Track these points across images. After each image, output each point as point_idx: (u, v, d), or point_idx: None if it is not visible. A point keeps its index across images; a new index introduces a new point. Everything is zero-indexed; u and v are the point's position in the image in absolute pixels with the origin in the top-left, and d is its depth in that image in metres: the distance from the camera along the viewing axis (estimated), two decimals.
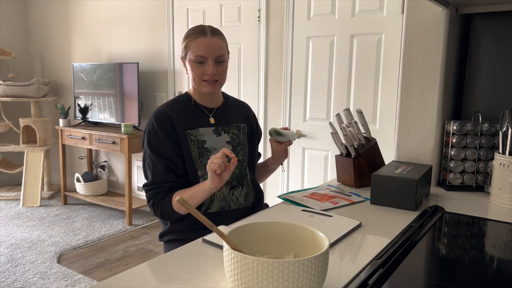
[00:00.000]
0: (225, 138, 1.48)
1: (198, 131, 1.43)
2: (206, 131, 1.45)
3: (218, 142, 1.46)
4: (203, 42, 1.38)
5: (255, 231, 0.83)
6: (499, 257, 1.00)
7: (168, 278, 0.85)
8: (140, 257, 3.06)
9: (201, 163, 1.42)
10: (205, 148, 1.43)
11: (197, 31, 1.40)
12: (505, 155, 1.36)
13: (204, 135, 1.44)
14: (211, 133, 1.45)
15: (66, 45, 4.50)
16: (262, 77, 3.12)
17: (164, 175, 1.39)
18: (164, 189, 1.39)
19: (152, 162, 1.40)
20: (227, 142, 1.48)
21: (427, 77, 1.56)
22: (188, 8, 3.48)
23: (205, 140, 1.44)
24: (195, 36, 1.40)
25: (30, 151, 4.19)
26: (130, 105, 3.76)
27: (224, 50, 1.43)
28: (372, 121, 2.67)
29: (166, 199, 1.38)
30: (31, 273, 2.74)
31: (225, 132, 1.48)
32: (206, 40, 1.38)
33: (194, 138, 1.42)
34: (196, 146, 1.42)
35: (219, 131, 1.47)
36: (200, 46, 1.38)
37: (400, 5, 2.50)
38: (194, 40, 1.39)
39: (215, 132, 1.46)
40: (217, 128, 1.47)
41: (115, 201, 3.94)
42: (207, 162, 1.38)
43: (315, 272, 0.69)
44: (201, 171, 1.42)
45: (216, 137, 1.46)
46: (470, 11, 1.57)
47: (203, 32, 1.40)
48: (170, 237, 1.48)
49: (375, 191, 1.35)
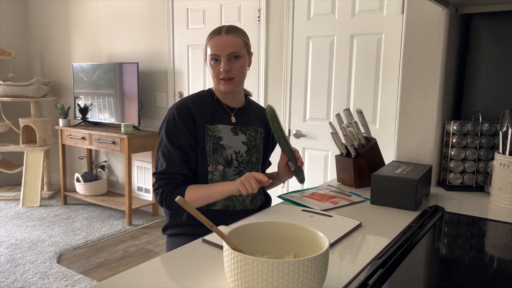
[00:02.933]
0: (241, 138, 1.49)
1: (216, 127, 1.45)
2: (224, 128, 1.46)
3: (234, 141, 1.47)
4: (216, 41, 1.41)
5: (255, 231, 0.83)
6: (499, 257, 1.00)
7: (168, 278, 0.85)
8: (140, 257, 3.06)
9: (214, 158, 1.44)
10: (221, 144, 1.45)
11: (213, 31, 1.44)
12: (505, 155, 1.36)
13: (222, 132, 1.45)
14: (228, 131, 1.47)
15: (66, 45, 4.50)
16: (262, 77, 3.12)
17: (178, 166, 1.40)
18: (176, 180, 1.40)
19: (168, 152, 1.41)
20: (243, 143, 1.49)
21: (427, 77, 1.56)
22: (188, 8, 3.48)
23: (222, 137, 1.45)
24: (211, 36, 1.44)
25: (30, 151, 4.19)
26: (130, 105, 3.76)
27: (239, 47, 1.43)
28: (372, 121, 2.67)
29: (177, 192, 1.39)
30: (31, 273, 2.74)
31: (242, 133, 1.49)
32: (219, 38, 1.41)
33: (212, 133, 1.44)
34: (212, 141, 1.43)
35: (236, 130, 1.48)
36: (214, 45, 1.41)
37: (400, 5, 2.50)
38: (210, 40, 1.43)
39: (233, 131, 1.48)
40: (235, 127, 1.48)
41: (115, 201, 3.94)
42: (220, 158, 1.44)
43: (315, 272, 0.69)
44: (212, 167, 1.44)
45: (233, 135, 1.47)
46: (470, 11, 1.57)
47: (218, 32, 1.43)
48: (173, 231, 1.50)
49: (375, 191, 1.35)
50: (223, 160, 1.45)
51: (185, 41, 3.54)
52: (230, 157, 1.46)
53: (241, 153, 1.48)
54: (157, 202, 1.43)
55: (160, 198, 1.41)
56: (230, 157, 1.46)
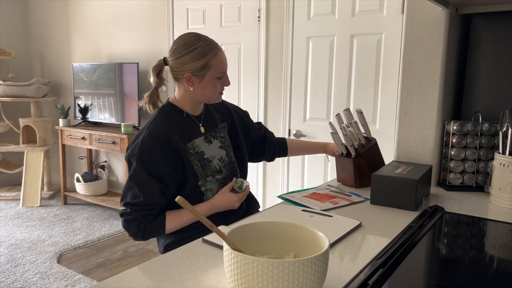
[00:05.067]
0: (216, 144, 1.44)
1: (194, 143, 1.38)
2: (200, 142, 1.40)
3: (213, 150, 1.42)
4: (222, 57, 1.35)
5: (255, 231, 0.83)
6: (499, 257, 1.00)
7: (168, 278, 0.85)
8: (140, 257, 3.06)
9: (204, 174, 1.39)
10: (206, 159, 1.40)
11: (212, 47, 1.34)
12: (505, 155, 1.36)
13: (200, 146, 1.39)
14: (204, 143, 1.41)
15: (66, 45, 4.50)
16: (262, 77, 3.12)
17: (157, 198, 1.31)
18: (155, 211, 1.33)
19: (144, 183, 1.29)
20: (220, 148, 1.45)
21: (427, 77, 1.56)
22: (188, 8, 3.48)
23: (203, 151, 1.40)
24: (215, 52, 1.34)
25: (30, 151, 4.19)
26: (130, 105, 3.76)
27: None
28: (372, 121, 2.67)
29: (156, 222, 1.33)
30: (31, 273, 2.74)
31: (214, 138, 1.44)
32: (222, 54, 1.36)
33: (193, 151, 1.37)
34: (197, 158, 1.38)
35: (208, 138, 1.43)
36: (222, 61, 1.35)
37: (400, 5, 2.50)
38: (215, 57, 1.33)
39: (206, 141, 1.42)
40: (206, 136, 1.43)
41: (115, 201, 3.94)
42: (209, 171, 1.40)
43: (315, 272, 0.69)
44: (201, 181, 1.39)
45: (209, 145, 1.42)
46: (470, 11, 1.57)
47: (216, 47, 1.35)
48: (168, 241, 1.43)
49: (375, 191, 1.35)
50: (212, 172, 1.41)
51: None
52: (218, 167, 1.42)
53: (223, 158, 1.45)
54: (129, 233, 1.34)
55: (137, 230, 1.32)
56: (218, 167, 1.43)
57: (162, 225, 1.34)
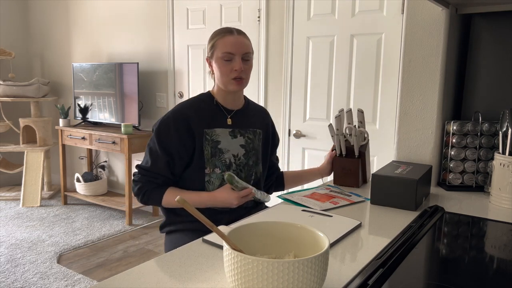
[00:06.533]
0: (240, 141, 1.49)
1: (214, 131, 1.45)
2: (222, 132, 1.46)
3: (233, 144, 1.47)
4: (230, 40, 1.41)
5: (255, 231, 0.83)
6: (499, 257, 1.00)
7: (168, 278, 0.85)
8: (140, 257, 3.06)
9: (212, 162, 1.44)
10: (219, 148, 1.45)
11: (223, 30, 1.44)
12: (505, 155, 1.36)
13: (220, 136, 1.46)
14: (227, 135, 1.47)
15: (66, 45, 4.50)
16: (262, 77, 3.13)
17: (162, 168, 1.43)
18: (158, 181, 1.44)
19: (155, 151, 1.43)
20: (241, 146, 1.49)
21: (427, 77, 1.56)
22: (188, 8, 3.48)
23: (220, 141, 1.45)
24: (222, 35, 1.43)
25: (30, 151, 4.19)
26: (130, 105, 3.76)
27: (250, 48, 1.45)
28: (372, 121, 2.67)
29: (156, 191, 1.43)
30: (31, 273, 2.74)
31: (241, 135, 1.50)
32: (233, 38, 1.42)
33: (210, 137, 1.44)
34: (210, 145, 1.44)
35: (235, 133, 1.49)
36: (228, 43, 1.41)
37: (400, 5, 2.50)
38: (222, 39, 1.42)
39: (231, 134, 1.48)
40: (233, 130, 1.49)
41: (115, 201, 3.94)
42: (218, 162, 1.44)
43: (315, 272, 0.69)
44: (209, 169, 1.44)
45: (232, 139, 1.47)
46: (470, 11, 1.57)
47: (230, 31, 1.43)
48: (170, 228, 1.52)
49: (375, 191, 1.35)
50: (221, 164, 1.45)
51: (185, 41, 3.54)
52: (228, 161, 1.46)
53: (239, 156, 1.48)
54: (133, 192, 1.47)
55: (138, 191, 1.45)
56: (229, 161, 1.46)
57: (160, 196, 1.43)
